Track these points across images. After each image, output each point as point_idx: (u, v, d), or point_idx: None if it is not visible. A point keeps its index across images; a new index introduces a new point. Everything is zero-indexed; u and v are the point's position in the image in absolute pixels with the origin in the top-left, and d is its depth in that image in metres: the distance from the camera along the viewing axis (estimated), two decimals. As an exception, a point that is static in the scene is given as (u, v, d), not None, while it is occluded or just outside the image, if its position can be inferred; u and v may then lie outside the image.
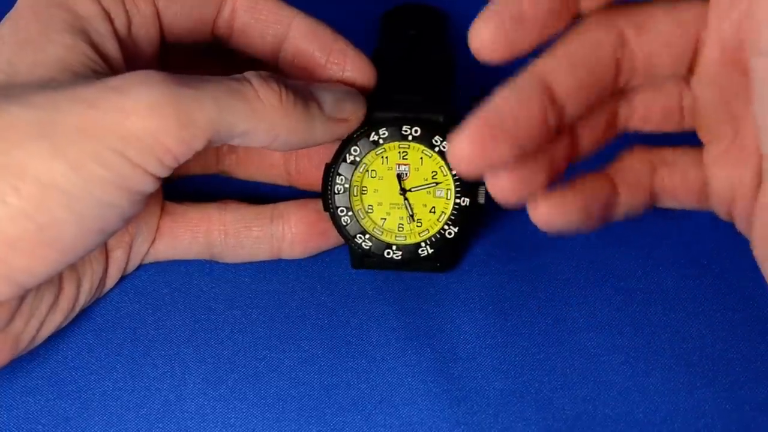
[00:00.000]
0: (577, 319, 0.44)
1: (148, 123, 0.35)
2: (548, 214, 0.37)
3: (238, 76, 0.38)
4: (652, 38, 0.37)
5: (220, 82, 0.37)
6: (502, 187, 0.35)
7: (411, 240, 0.43)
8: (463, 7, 0.50)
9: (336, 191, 0.43)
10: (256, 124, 0.37)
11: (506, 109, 0.34)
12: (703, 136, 0.39)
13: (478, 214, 0.42)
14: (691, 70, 0.37)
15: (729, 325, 0.43)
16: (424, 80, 0.44)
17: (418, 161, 0.42)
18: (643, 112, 0.39)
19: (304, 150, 0.45)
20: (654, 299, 0.44)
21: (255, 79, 0.38)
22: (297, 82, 0.40)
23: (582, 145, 0.38)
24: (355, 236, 0.43)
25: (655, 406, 0.42)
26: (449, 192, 0.43)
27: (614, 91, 0.37)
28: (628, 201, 0.38)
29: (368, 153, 0.42)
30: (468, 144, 0.34)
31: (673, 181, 0.39)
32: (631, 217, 0.39)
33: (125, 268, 0.44)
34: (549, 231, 0.37)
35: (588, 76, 0.36)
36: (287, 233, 0.44)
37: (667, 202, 0.39)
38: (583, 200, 0.37)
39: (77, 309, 0.42)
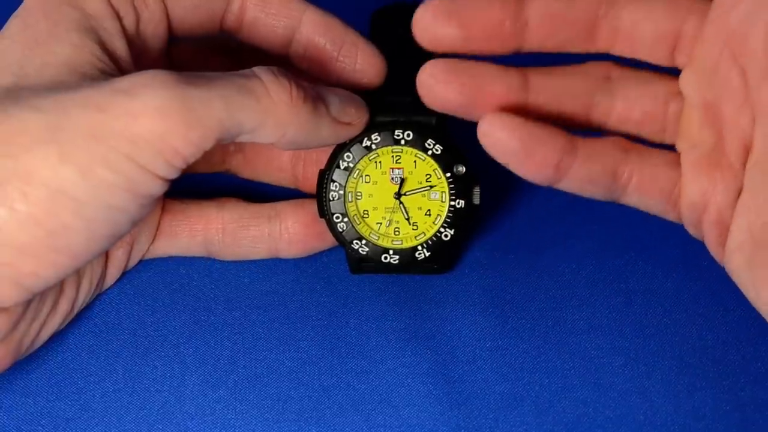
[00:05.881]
0: (578, 321, 0.44)
1: (156, 126, 0.35)
2: (493, 126, 0.37)
3: (246, 71, 0.38)
4: (641, 11, 0.37)
5: (228, 79, 0.37)
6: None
7: (407, 244, 0.43)
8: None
9: (331, 198, 0.42)
10: (264, 121, 0.37)
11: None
12: (682, 143, 0.38)
13: (473, 215, 0.42)
14: (684, 60, 0.37)
15: (730, 327, 0.43)
16: (414, 80, 0.43)
17: (412, 165, 0.42)
18: (623, 110, 0.38)
19: (312, 155, 0.44)
20: (654, 301, 0.44)
21: (265, 74, 0.37)
22: (304, 83, 0.39)
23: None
24: (351, 242, 0.43)
25: (655, 408, 0.42)
26: (444, 194, 0.42)
27: (587, 43, 0.38)
28: (586, 169, 0.38)
29: (361, 158, 0.42)
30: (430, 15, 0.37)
31: (643, 173, 0.38)
32: (588, 195, 0.39)
33: (125, 267, 0.44)
34: (490, 149, 0.37)
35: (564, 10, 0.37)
36: (284, 233, 0.44)
37: (632, 196, 0.39)
38: (530, 131, 0.37)
39: (76, 310, 0.42)
